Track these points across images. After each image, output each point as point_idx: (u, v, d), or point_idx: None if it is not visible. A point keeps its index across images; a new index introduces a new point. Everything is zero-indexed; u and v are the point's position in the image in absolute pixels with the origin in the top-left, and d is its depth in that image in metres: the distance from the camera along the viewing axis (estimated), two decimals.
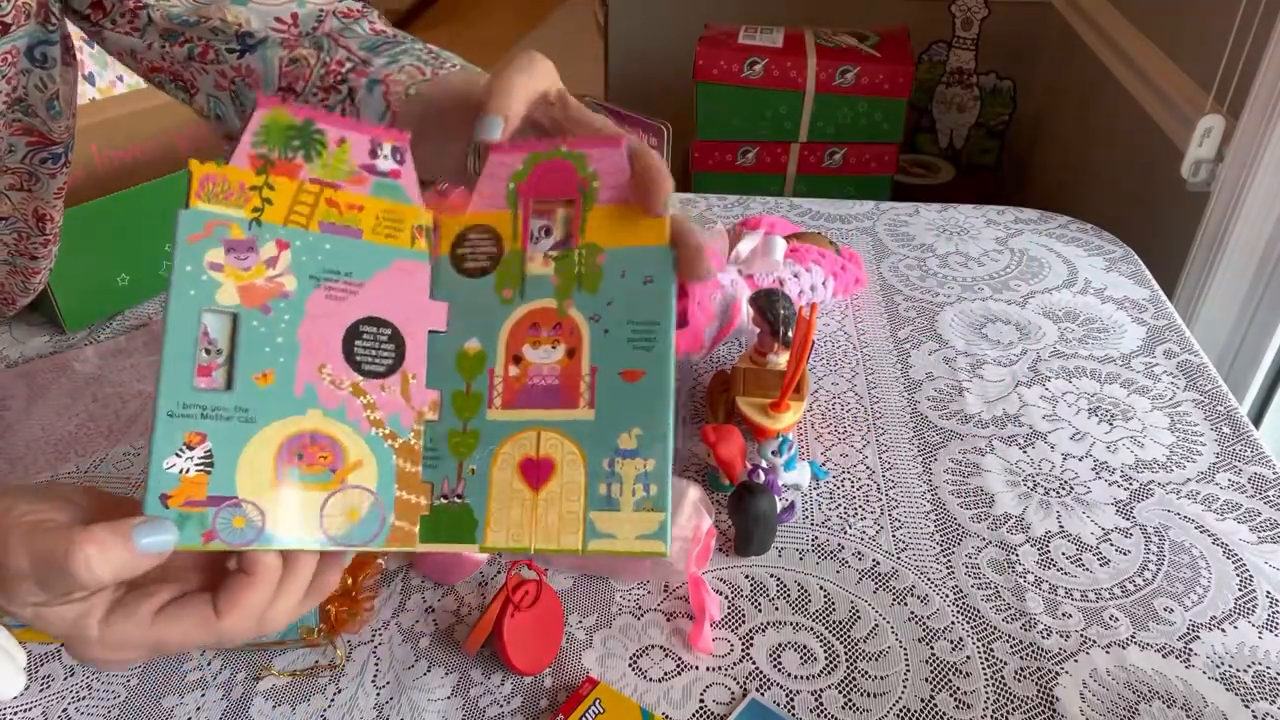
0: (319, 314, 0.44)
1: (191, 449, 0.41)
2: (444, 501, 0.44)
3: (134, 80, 1.26)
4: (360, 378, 0.44)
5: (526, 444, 0.44)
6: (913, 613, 0.63)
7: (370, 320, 0.45)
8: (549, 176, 0.47)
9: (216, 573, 0.41)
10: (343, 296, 0.44)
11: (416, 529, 0.43)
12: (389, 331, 0.45)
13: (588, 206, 0.46)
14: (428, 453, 0.44)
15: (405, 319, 0.45)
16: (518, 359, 0.45)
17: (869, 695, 0.58)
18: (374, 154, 0.47)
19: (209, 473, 0.40)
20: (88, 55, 1.14)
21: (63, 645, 0.39)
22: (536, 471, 0.44)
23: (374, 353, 0.44)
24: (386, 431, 0.44)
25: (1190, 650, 0.60)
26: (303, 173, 0.45)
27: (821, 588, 0.65)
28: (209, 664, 0.60)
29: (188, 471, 0.40)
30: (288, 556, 0.41)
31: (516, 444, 0.44)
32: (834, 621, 0.62)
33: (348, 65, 0.60)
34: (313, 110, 0.46)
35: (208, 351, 0.42)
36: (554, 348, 0.45)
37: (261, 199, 0.44)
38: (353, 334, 0.44)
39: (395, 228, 0.46)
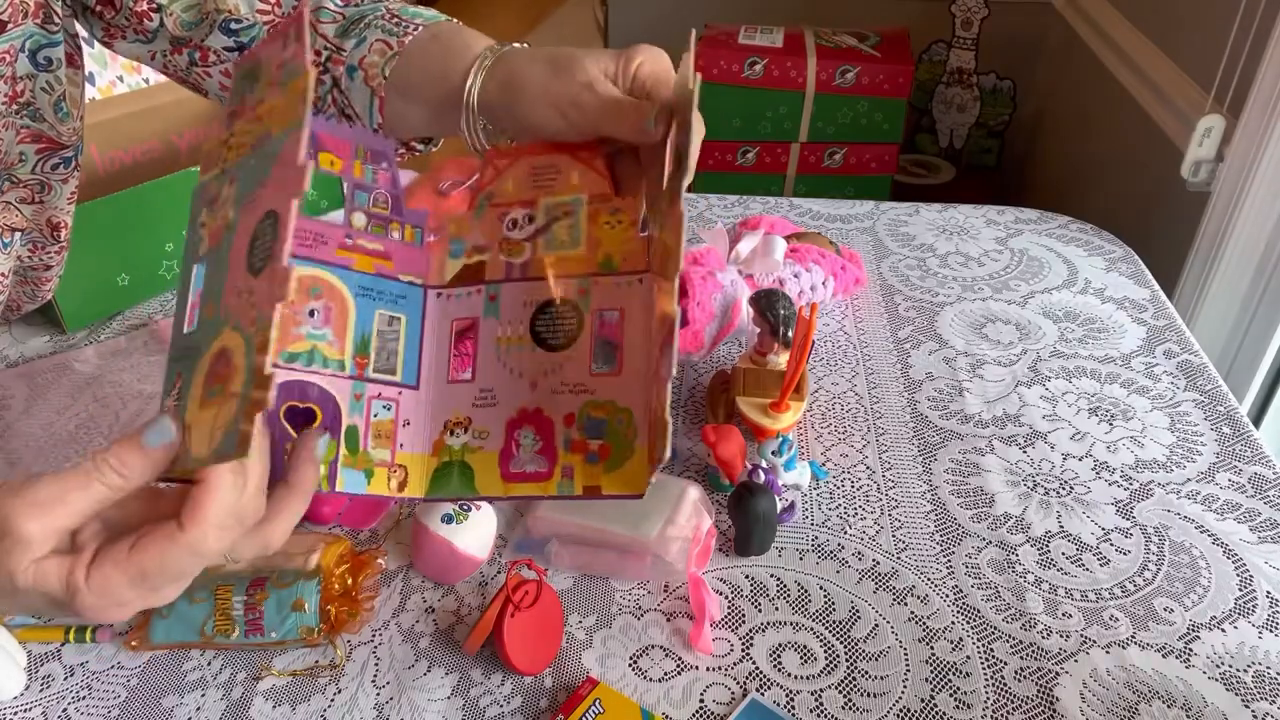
0: (242, 232, 0.43)
1: (176, 388, 0.43)
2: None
3: (134, 80, 1.26)
4: (254, 279, 0.41)
5: None
6: (913, 613, 0.63)
7: (266, 215, 0.41)
8: None
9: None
10: (253, 203, 0.43)
11: (253, 428, 0.38)
12: (272, 219, 0.41)
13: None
14: None
15: (279, 197, 0.41)
16: None
17: (869, 695, 0.58)
18: (283, 46, 0.45)
19: (176, 404, 0.43)
20: (87, 55, 1.14)
21: (62, 610, 0.41)
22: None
23: (264, 246, 0.41)
24: (255, 328, 0.40)
25: (1190, 650, 0.60)
26: (250, 107, 0.45)
27: (821, 588, 0.65)
28: (209, 664, 0.60)
29: (171, 411, 0.42)
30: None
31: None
32: (834, 621, 0.62)
33: (325, 54, 0.61)
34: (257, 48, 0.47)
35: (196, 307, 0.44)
36: None
37: (227, 149, 0.46)
38: (253, 238, 0.42)
39: (288, 108, 0.43)
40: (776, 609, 0.63)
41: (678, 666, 0.59)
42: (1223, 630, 0.61)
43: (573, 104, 0.51)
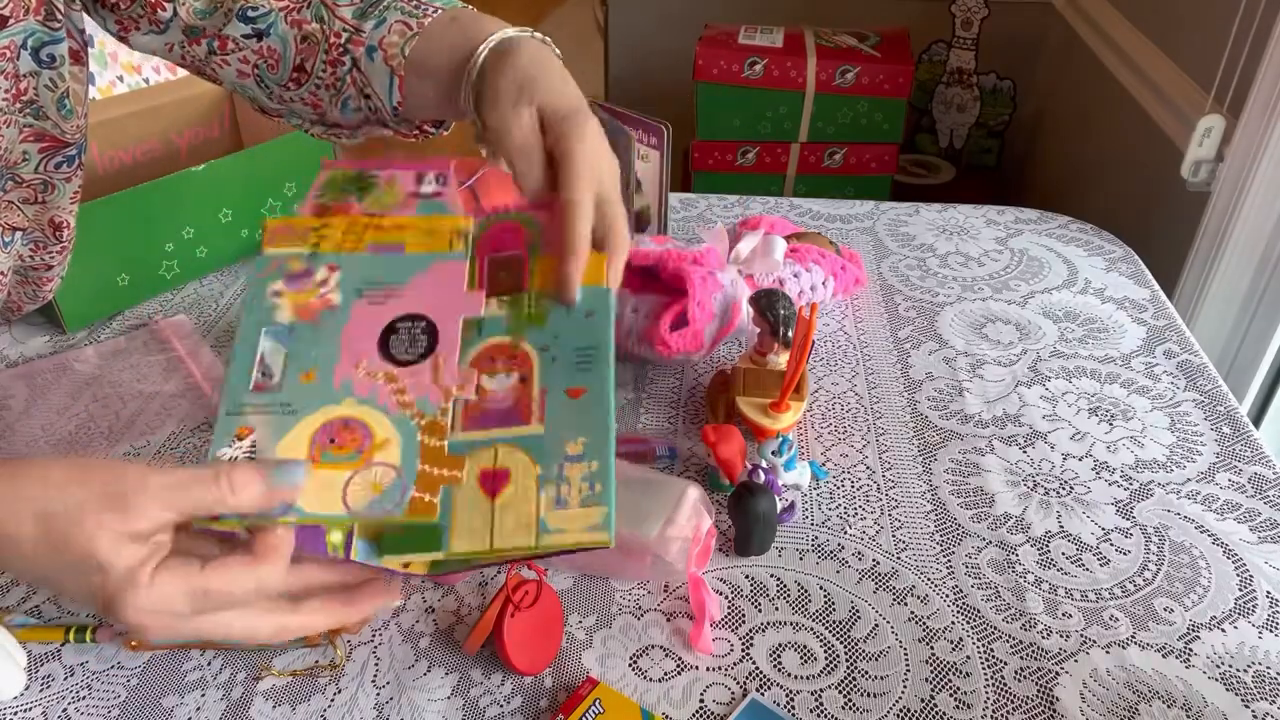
0: (361, 318, 0.51)
1: (241, 440, 0.47)
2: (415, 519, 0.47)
3: (134, 80, 1.26)
4: (394, 367, 0.50)
5: (485, 458, 0.48)
6: (913, 613, 0.63)
7: (406, 317, 0.51)
8: (503, 234, 0.54)
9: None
10: (383, 301, 0.51)
11: (438, 499, 0.47)
12: (424, 323, 0.51)
13: (534, 257, 0.53)
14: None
15: (439, 310, 0.51)
16: (478, 388, 0.50)
17: (869, 695, 0.58)
18: (419, 181, 0.54)
19: (252, 458, 0.46)
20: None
21: (105, 605, 0.42)
22: (494, 481, 0.48)
23: (408, 343, 0.50)
24: (414, 411, 0.49)
25: (1190, 650, 0.60)
26: (355, 209, 0.52)
27: (821, 588, 0.65)
28: (209, 664, 0.60)
29: (235, 459, 0.46)
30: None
31: (475, 459, 0.48)
32: (834, 621, 0.62)
33: (344, 35, 0.62)
34: (367, 160, 0.53)
35: (262, 374, 0.49)
36: (508, 375, 0.50)
37: (318, 236, 0.51)
38: (389, 330, 0.50)
39: (434, 236, 0.53)
40: (776, 609, 0.63)
41: (678, 666, 0.59)
42: (1223, 630, 0.61)
43: (500, 123, 0.54)
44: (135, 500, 0.41)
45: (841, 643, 0.61)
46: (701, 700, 0.57)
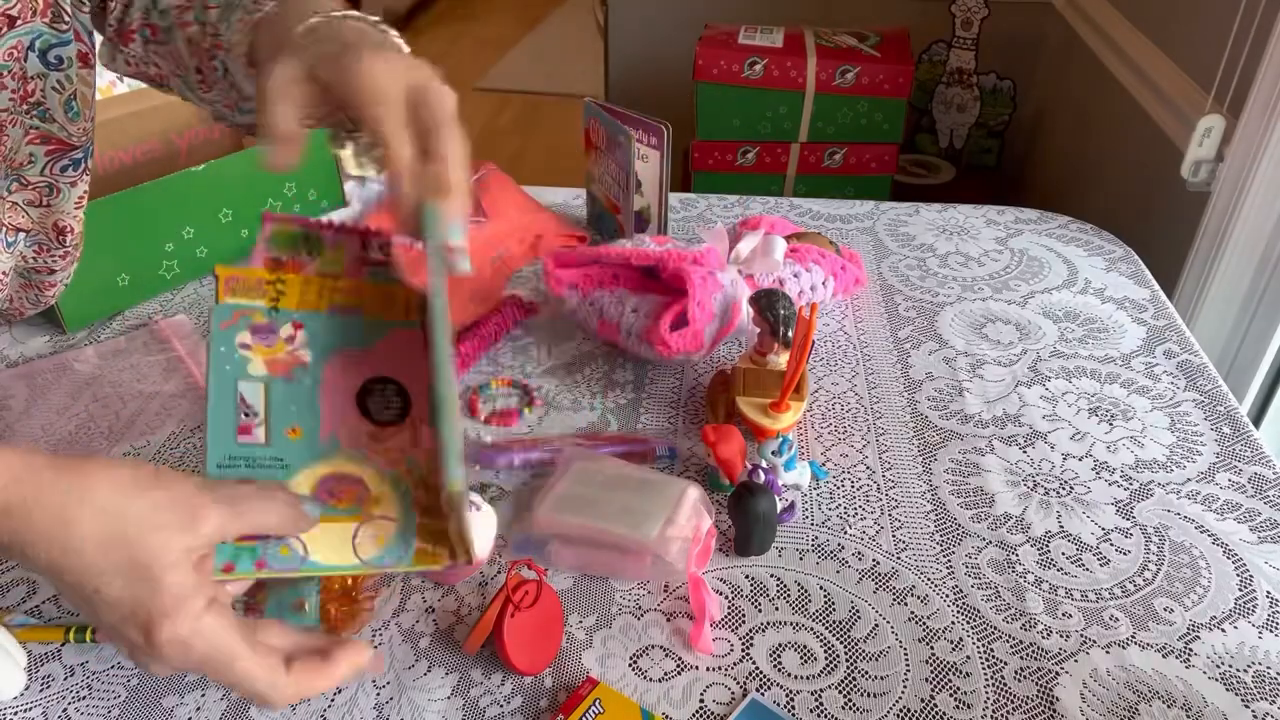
0: (334, 377, 0.51)
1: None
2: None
3: (134, 81, 1.26)
4: (374, 426, 0.51)
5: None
6: (913, 613, 0.63)
7: (378, 379, 0.52)
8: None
9: None
10: (352, 362, 0.52)
11: (444, 550, 0.49)
12: (395, 386, 0.52)
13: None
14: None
15: (407, 375, 0.53)
16: None
17: (869, 695, 0.58)
18: (365, 248, 0.54)
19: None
20: None
21: (146, 620, 0.42)
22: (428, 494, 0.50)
23: (384, 405, 0.52)
24: (404, 468, 0.50)
25: (1190, 650, 0.60)
26: (309, 269, 0.53)
27: (821, 588, 0.65)
28: None
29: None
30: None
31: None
32: (834, 621, 0.62)
33: (208, 41, 0.60)
34: (310, 220, 0.54)
35: (245, 414, 0.49)
36: None
37: (276, 291, 0.52)
38: (365, 391, 0.52)
39: (389, 303, 0.54)
40: (776, 609, 0.63)
41: (678, 666, 0.59)
42: (1223, 630, 0.61)
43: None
44: (199, 515, 0.42)
45: (841, 643, 0.61)
46: (701, 700, 0.57)
